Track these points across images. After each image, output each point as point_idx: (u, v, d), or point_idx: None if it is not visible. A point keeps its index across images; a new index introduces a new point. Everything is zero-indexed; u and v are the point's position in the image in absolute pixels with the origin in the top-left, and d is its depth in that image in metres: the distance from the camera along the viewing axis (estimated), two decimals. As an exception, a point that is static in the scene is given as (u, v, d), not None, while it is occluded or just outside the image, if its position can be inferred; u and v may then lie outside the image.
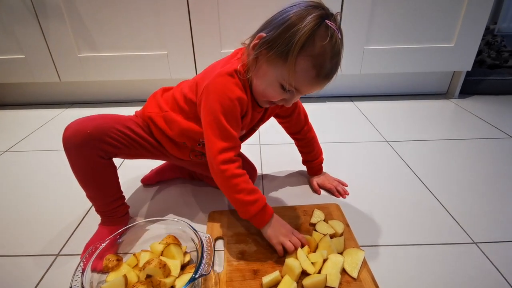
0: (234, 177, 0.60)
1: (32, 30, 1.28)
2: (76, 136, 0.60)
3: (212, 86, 0.60)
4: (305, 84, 0.56)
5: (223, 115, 0.59)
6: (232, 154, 0.60)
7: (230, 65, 0.61)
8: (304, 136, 0.84)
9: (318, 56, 0.53)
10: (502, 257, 0.64)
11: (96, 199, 0.68)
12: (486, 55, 1.69)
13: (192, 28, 1.29)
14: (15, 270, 0.64)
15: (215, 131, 0.59)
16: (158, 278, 0.54)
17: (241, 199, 0.60)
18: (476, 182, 0.89)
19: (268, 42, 0.55)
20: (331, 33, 0.52)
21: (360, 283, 0.57)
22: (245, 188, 0.60)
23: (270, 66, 0.57)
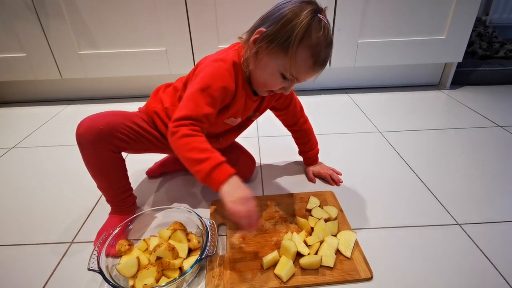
0: (184, 137, 0.58)
1: (33, 28, 1.31)
2: (89, 133, 0.64)
3: (205, 67, 0.64)
4: (304, 72, 0.61)
5: (200, 90, 0.61)
6: (189, 122, 0.59)
7: (227, 54, 0.66)
8: (300, 128, 0.88)
9: (315, 46, 0.58)
10: (484, 238, 0.70)
11: (106, 190, 0.73)
12: (477, 46, 1.74)
13: (190, 24, 1.32)
14: (32, 257, 0.68)
15: (186, 102, 0.61)
16: (167, 260, 0.59)
17: (191, 157, 0.57)
18: (463, 168, 0.94)
19: (268, 36, 0.59)
20: (323, 26, 0.58)
21: (352, 261, 0.63)
22: (196, 147, 0.57)
23: (271, 58, 0.61)
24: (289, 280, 0.59)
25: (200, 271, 0.63)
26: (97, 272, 0.55)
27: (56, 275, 0.64)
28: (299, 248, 0.63)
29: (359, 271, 0.61)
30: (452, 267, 0.63)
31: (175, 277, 0.58)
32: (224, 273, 0.61)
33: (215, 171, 0.55)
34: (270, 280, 0.60)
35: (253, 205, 0.55)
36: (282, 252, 0.64)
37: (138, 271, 0.58)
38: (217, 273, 0.61)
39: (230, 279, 0.60)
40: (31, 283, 0.62)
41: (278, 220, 0.74)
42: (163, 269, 0.59)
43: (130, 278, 0.58)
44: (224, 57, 0.65)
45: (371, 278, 0.60)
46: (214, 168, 0.55)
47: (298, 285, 0.59)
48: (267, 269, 0.61)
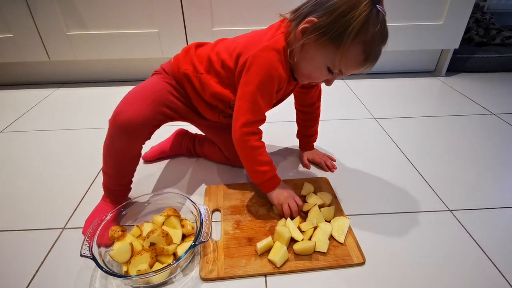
0: (252, 149, 0.66)
1: (19, 8, 1.25)
2: (129, 124, 0.63)
3: (257, 59, 0.61)
4: (352, 67, 0.59)
5: (259, 90, 0.62)
6: (256, 126, 0.66)
7: (276, 40, 0.62)
8: (313, 111, 0.86)
9: (370, 42, 0.55)
10: (474, 224, 0.71)
11: (111, 177, 0.70)
12: (474, 33, 1.72)
13: (183, 5, 1.28)
14: (24, 243, 0.67)
15: (247, 103, 0.63)
16: (161, 246, 0.59)
17: (255, 168, 0.68)
18: (456, 155, 0.95)
19: (320, 27, 0.55)
20: (381, 18, 0.54)
21: (345, 247, 0.64)
22: (260, 160, 0.67)
23: (319, 51, 0.58)
24: (283, 266, 0.60)
25: (194, 256, 0.63)
26: (90, 258, 0.55)
27: (48, 262, 0.63)
28: (293, 234, 0.64)
29: (351, 256, 0.62)
30: (443, 252, 0.64)
31: (169, 262, 0.58)
32: (218, 258, 0.61)
33: (269, 181, 0.70)
34: (264, 265, 0.60)
35: (298, 200, 0.70)
36: (276, 238, 0.64)
37: (131, 257, 0.58)
38: (211, 258, 0.62)
39: (224, 265, 0.60)
40: (23, 270, 0.62)
41: (273, 206, 0.74)
42: (156, 255, 0.59)
43: (124, 264, 0.58)
44: (275, 45, 0.61)
45: (363, 263, 0.61)
46: (269, 179, 0.69)
47: (291, 270, 0.60)
48: (261, 255, 0.62)
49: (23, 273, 0.61)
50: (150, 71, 1.51)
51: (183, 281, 0.59)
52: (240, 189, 0.80)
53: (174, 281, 0.59)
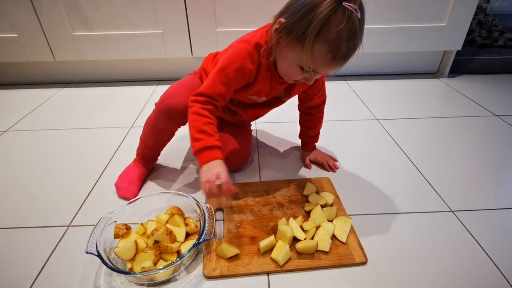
0: (194, 114, 0.65)
1: (24, 8, 1.26)
2: (173, 108, 0.73)
3: (230, 48, 0.68)
4: (322, 66, 0.59)
5: (219, 71, 0.66)
6: (204, 99, 0.66)
7: (254, 35, 0.67)
8: (316, 113, 0.87)
9: (333, 41, 0.54)
10: (477, 224, 0.71)
11: (147, 146, 0.83)
12: (477, 35, 1.72)
13: (187, 6, 1.29)
14: (30, 240, 0.68)
15: (208, 80, 0.67)
16: (165, 244, 0.60)
17: (191, 134, 0.65)
18: (458, 156, 0.95)
19: (287, 28, 0.58)
20: (348, 16, 0.53)
21: (347, 246, 0.64)
22: (198, 126, 0.64)
23: (289, 50, 0.60)
24: (285, 264, 0.60)
25: (197, 255, 0.64)
26: (95, 255, 0.56)
27: (54, 258, 0.64)
28: (295, 233, 0.64)
29: (354, 255, 0.62)
30: (444, 253, 0.64)
31: (173, 260, 0.58)
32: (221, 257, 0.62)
33: (202, 153, 0.64)
34: (267, 264, 0.61)
35: (223, 175, 0.61)
36: (279, 237, 0.64)
37: (136, 254, 0.59)
38: (214, 257, 0.62)
39: (227, 263, 0.61)
40: (29, 266, 0.62)
41: (275, 206, 0.74)
42: (160, 253, 0.60)
43: (128, 261, 0.59)
44: (249, 38, 0.66)
45: (365, 262, 0.61)
46: (202, 150, 0.64)
47: (294, 268, 0.60)
48: (263, 254, 0.62)
49: (29, 269, 0.62)
50: (154, 71, 1.54)
51: (186, 278, 0.60)
52: (242, 188, 0.81)
53: (178, 278, 0.60)
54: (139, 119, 1.19)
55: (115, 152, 0.99)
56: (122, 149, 1.00)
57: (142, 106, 1.30)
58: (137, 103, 1.33)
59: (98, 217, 0.64)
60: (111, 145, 1.02)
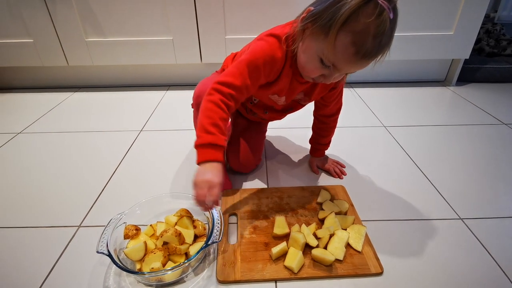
0: (213, 103, 0.61)
1: (40, 14, 1.31)
2: None
3: (258, 41, 0.65)
4: (343, 60, 0.55)
5: (247, 62, 0.63)
6: (228, 90, 0.62)
7: (282, 29, 0.64)
8: (329, 122, 0.87)
9: (360, 33, 0.51)
10: (485, 232, 0.71)
11: None
12: (485, 43, 1.72)
13: (197, 14, 1.32)
14: (41, 240, 0.70)
15: (233, 69, 0.63)
16: (173, 245, 0.60)
17: (203, 122, 0.60)
18: (466, 164, 0.95)
19: (313, 15, 0.55)
20: (379, 11, 0.49)
21: (363, 256, 0.63)
22: (212, 118, 0.60)
23: (312, 40, 0.57)
24: (299, 272, 0.60)
25: (205, 257, 0.64)
26: (106, 255, 0.57)
27: (64, 258, 0.65)
28: (307, 240, 0.64)
29: (369, 265, 0.61)
30: (454, 261, 0.64)
31: (181, 262, 0.59)
32: (235, 262, 0.62)
33: (207, 149, 0.59)
34: (281, 271, 0.60)
35: (214, 192, 0.58)
36: (291, 243, 0.64)
37: (145, 255, 0.60)
38: (227, 261, 0.62)
39: (241, 268, 0.61)
40: (40, 265, 0.64)
41: (289, 212, 0.74)
42: (169, 254, 0.61)
43: (137, 262, 0.60)
44: (278, 32, 0.63)
45: (381, 273, 0.61)
46: (209, 145, 0.59)
47: (308, 276, 0.60)
48: (276, 260, 0.62)
49: (40, 268, 0.63)
50: (164, 77, 1.57)
51: (194, 280, 0.60)
52: (256, 194, 0.81)
53: (186, 280, 0.60)
54: (149, 123, 1.21)
55: (125, 154, 1.00)
56: (132, 152, 1.02)
57: (152, 110, 1.32)
58: (147, 107, 1.35)
59: (108, 218, 0.66)
60: (121, 147, 1.04)
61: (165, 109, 1.34)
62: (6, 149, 1.05)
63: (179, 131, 1.15)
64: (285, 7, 1.31)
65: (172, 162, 0.96)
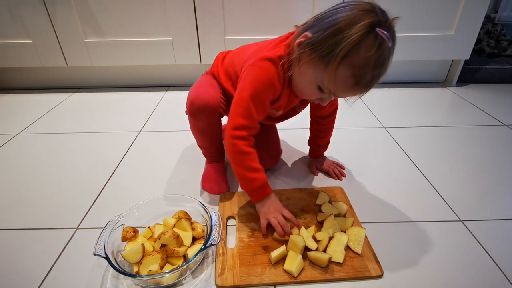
0: (241, 153, 0.65)
1: (39, 15, 1.30)
2: (206, 104, 0.73)
3: (253, 68, 0.64)
4: (342, 90, 0.57)
5: (252, 98, 0.63)
6: (246, 132, 0.65)
7: (276, 51, 0.63)
8: (326, 123, 0.87)
9: (360, 67, 0.52)
10: (486, 234, 0.70)
11: (207, 148, 0.86)
12: (485, 44, 1.72)
13: (197, 15, 1.31)
14: (38, 242, 0.69)
15: (240, 108, 0.64)
16: (172, 247, 0.60)
17: (244, 174, 0.66)
18: (467, 166, 0.94)
19: (312, 43, 0.55)
20: (379, 43, 0.50)
21: (362, 258, 0.63)
22: (249, 166, 0.66)
23: (310, 67, 0.57)
24: (299, 275, 0.59)
25: (204, 259, 0.64)
26: (103, 257, 0.56)
27: (62, 260, 0.65)
28: (307, 243, 0.63)
29: (369, 268, 0.61)
30: (455, 263, 0.63)
31: (179, 264, 0.59)
32: (234, 266, 0.61)
33: (258, 190, 0.67)
34: (280, 275, 0.60)
35: (286, 214, 0.67)
36: (290, 246, 0.63)
37: (142, 257, 0.59)
38: (226, 266, 0.61)
39: (240, 273, 0.60)
40: (37, 268, 0.63)
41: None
42: (167, 257, 0.60)
43: (135, 264, 0.59)
44: (271, 55, 0.63)
45: (381, 275, 0.60)
46: (259, 188, 0.67)
47: (307, 280, 0.59)
48: (275, 264, 0.62)
49: (37, 270, 0.63)
50: (163, 77, 1.56)
51: (192, 283, 0.60)
52: None
53: (184, 283, 0.60)
54: (148, 123, 1.21)
55: (124, 156, 1.00)
56: (131, 153, 1.02)
57: (151, 111, 1.32)
58: (146, 108, 1.35)
59: (106, 220, 0.65)
60: (120, 149, 1.04)
61: (164, 110, 1.33)
62: (5, 150, 1.04)
63: (178, 132, 1.14)
64: (284, 8, 1.31)
65: (171, 164, 0.95)
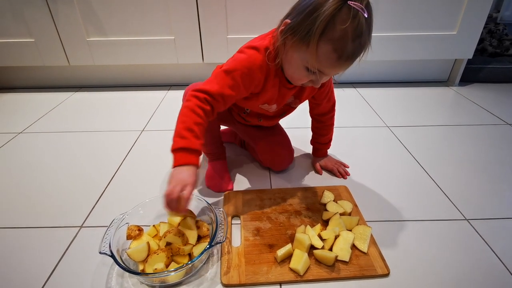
0: (188, 109, 0.62)
1: (42, 14, 1.30)
2: None
3: (238, 53, 0.66)
4: (328, 66, 0.58)
5: (225, 72, 0.64)
6: (206, 96, 0.63)
7: (262, 41, 0.65)
8: (326, 120, 0.87)
9: (339, 40, 0.53)
10: (491, 233, 0.70)
11: (207, 146, 0.85)
12: (487, 43, 1.72)
13: (199, 14, 1.31)
14: (42, 240, 0.69)
15: (211, 78, 0.66)
16: (177, 246, 0.60)
17: (178, 129, 0.61)
18: (471, 165, 0.94)
19: (292, 28, 0.57)
20: (353, 14, 0.51)
21: (369, 257, 0.62)
22: (187, 122, 0.61)
23: (295, 51, 0.59)
24: (305, 274, 0.59)
25: (209, 258, 0.64)
26: (109, 255, 0.56)
27: (66, 259, 0.65)
28: (312, 241, 0.63)
29: (375, 267, 0.60)
30: (460, 262, 0.63)
31: (185, 263, 0.58)
32: (239, 265, 0.61)
33: (182, 153, 0.59)
34: (286, 273, 0.59)
35: (187, 191, 0.56)
36: (296, 245, 0.63)
37: (148, 256, 0.59)
38: (231, 264, 0.61)
39: (246, 271, 0.60)
40: (42, 266, 0.63)
41: (292, 214, 0.74)
42: (172, 255, 0.60)
43: (140, 262, 0.59)
44: (258, 44, 0.65)
45: (388, 274, 0.60)
46: (183, 149, 0.59)
47: (314, 279, 0.59)
48: (281, 262, 0.61)
49: (42, 269, 0.62)
50: (165, 76, 1.56)
51: (198, 281, 0.59)
52: (258, 195, 0.80)
53: (189, 281, 0.59)
54: (151, 122, 1.21)
55: (127, 154, 1.00)
56: (134, 152, 1.01)
57: (154, 110, 1.32)
58: (148, 107, 1.34)
59: (110, 219, 0.65)
60: (123, 147, 1.04)
61: (167, 109, 1.33)
62: (7, 149, 1.04)
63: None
64: (287, 7, 1.30)
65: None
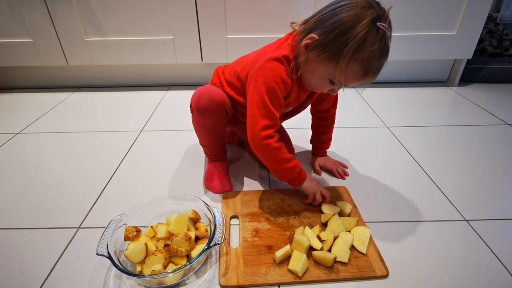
0: (275, 150, 0.68)
1: (40, 14, 1.30)
2: (211, 103, 0.73)
3: (261, 70, 0.67)
4: (353, 81, 0.62)
5: (268, 97, 0.66)
6: (272, 130, 0.68)
7: (281, 51, 0.66)
8: (328, 117, 0.88)
9: (367, 60, 0.58)
10: (491, 234, 0.70)
11: (209, 147, 0.86)
12: (487, 44, 1.71)
13: (198, 14, 1.31)
14: (40, 241, 0.69)
15: (260, 110, 0.67)
16: (175, 247, 0.59)
17: (283, 167, 0.71)
18: (470, 165, 0.94)
19: (321, 45, 0.59)
20: (381, 35, 0.56)
21: (368, 258, 0.62)
22: (285, 158, 0.70)
23: (321, 66, 0.62)
24: (303, 275, 0.59)
25: (207, 259, 0.63)
26: (106, 257, 0.56)
27: (63, 260, 0.64)
28: (311, 242, 0.63)
29: (374, 268, 0.60)
30: (460, 263, 0.63)
31: (183, 264, 0.58)
32: (237, 266, 0.61)
33: (297, 176, 0.73)
34: (285, 274, 0.59)
35: (321, 188, 0.75)
36: (294, 246, 0.63)
37: (146, 257, 0.59)
38: (230, 265, 0.61)
39: (244, 273, 0.59)
40: (39, 267, 0.63)
41: (291, 214, 0.73)
42: (170, 256, 0.60)
43: (138, 264, 0.59)
44: (278, 55, 0.65)
45: (387, 275, 0.59)
46: (298, 174, 0.72)
47: (312, 280, 0.58)
48: (279, 263, 0.61)
49: (39, 270, 0.62)
50: (164, 77, 1.56)
51: (196, 283, 0.59)
52: (257, 196, 0.80)
53: (187, 283, 0.59)
54: (149, 123, 1.20)
55: (125, 155, 0.99)
56: (133, 152, 1.01)
57: (152, 110, 1.31)
58: (147, 107, 1.34)
59: (107, 220, 0.65)
60: (121, 148, 1.03)
61: (166, 109, 1.33)
62: (5, 149, 1.04)
63: (179, 132, 1.14)
64: (286, 7, 1.30)
65: (173, 163, 0.95)
